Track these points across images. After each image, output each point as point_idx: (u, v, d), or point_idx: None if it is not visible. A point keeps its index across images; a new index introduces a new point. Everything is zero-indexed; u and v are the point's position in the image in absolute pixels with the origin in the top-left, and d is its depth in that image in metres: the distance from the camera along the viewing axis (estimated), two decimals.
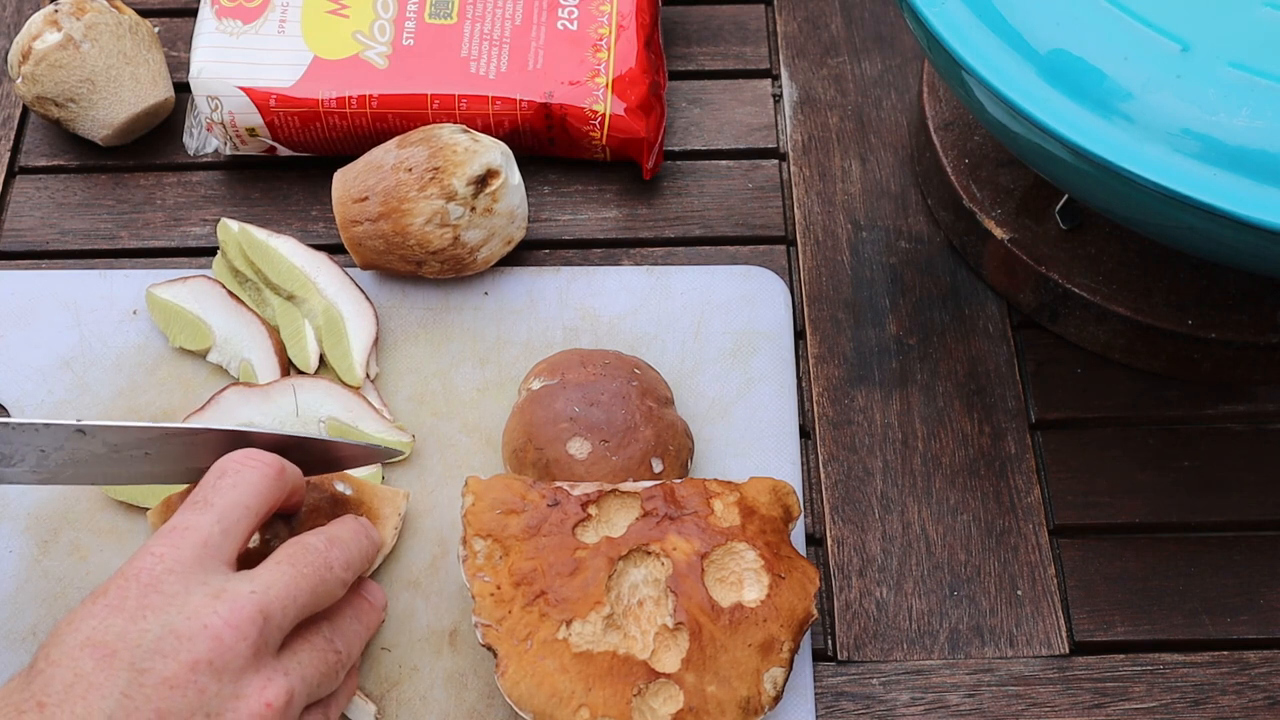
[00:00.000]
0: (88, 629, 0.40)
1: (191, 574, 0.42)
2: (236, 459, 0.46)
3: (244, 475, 0.45)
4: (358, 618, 0.47)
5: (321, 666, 0.44)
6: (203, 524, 0.43)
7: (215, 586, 0.42)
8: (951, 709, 0.51)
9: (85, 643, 0.40)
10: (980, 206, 0.60)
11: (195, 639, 0.40)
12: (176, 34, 0.70)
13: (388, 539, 0.53)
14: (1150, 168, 0.42)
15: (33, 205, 0.64)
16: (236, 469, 0.45)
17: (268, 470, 0.46)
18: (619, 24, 0.64)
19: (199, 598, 0.41)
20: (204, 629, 0.41)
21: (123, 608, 0.41)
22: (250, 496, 0.45)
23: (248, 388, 0.56)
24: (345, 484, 0.53)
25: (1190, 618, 0.53)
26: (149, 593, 0.41)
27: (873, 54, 0.70)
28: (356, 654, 0.47)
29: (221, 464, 0.46)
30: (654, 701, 0.46)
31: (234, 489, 0.44)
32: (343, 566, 0.45)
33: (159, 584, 0.41)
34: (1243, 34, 0.43)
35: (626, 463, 0.52)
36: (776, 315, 0.60)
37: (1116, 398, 0.59)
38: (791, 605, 0.48)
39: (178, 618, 0.41)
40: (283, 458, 0.47)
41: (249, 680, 0.41)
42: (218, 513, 0.44)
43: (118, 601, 0.41)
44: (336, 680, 0.45)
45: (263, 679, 0.41)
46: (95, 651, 0.40)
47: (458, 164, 0.57)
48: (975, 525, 0.55)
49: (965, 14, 0.47)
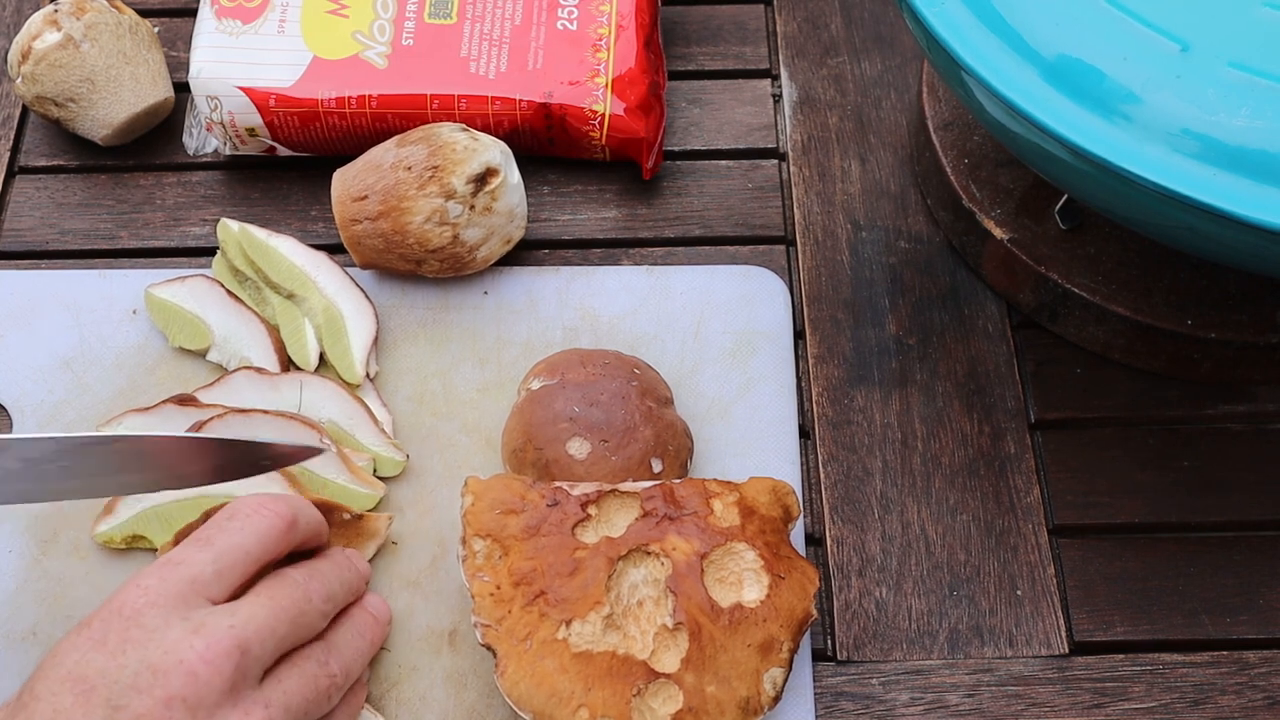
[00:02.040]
0: (70, 663, 0.41)
1: (174, 609, 0.42)
2: (251, 503, 0.46)
3: (252, 521, 0.45)
4: (360, 634, 0.48)
5: (308, 692, 0.44)
6: (198, 561, 0.44)
7: (195, 621, 0.42)
8: (951, 709, 0.51)
9: (66, 678, 0.40)
10: (980, 206, 0.60)
11: (170, 674, 0.40)
12: (176, 34, 0.70)
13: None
14: (1150, 168, 0.42)
15: (33, 205, 0.64)
16: (247, 514, 0.46)
17: (278, 521, 0.46)
18: (619, 24, 0.64)
19: (177, 632, 0.42)
20: (179, 664, 0.41)
21: (104, 642, 0.41)
22: (253, 542, 0.45)
23: (258, 374, 0.56)
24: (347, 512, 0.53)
25: (1190, 618, 0.53)
26: (130, 627, 0.41)
27: (873, 54, 0.70)
28: (357, 670, 0.47)
29: (235, 505, 0.46)
30: (653, 702, 0.46)
31: (239, 533, 0.45)
32: (323, 599, 0.46)
33: (140, 617, 0.42)
34: (1243, 34, 0.43)
35: (626, 463, 0.52)
36: (776, 315, 0.60)
37: (1116, 398, 0.58)
38: (791, 605, 0.48)
39: (155, 653, 0.41)
40: (298, 510, 0.47)
41: (225, 714, 0.41)
42: (215, 552, 0.44)
43: (100, 635, 0.42)
44: (328, 702, 0.45)
45: (240, 712, 0.41)
46: (75, 687, 0.40)
47: (457, 162, 0.57)
48: (975, 525, 0.55)
49: (965, 14, 0.47)
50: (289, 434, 0.54)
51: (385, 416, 0.57)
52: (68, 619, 0.52)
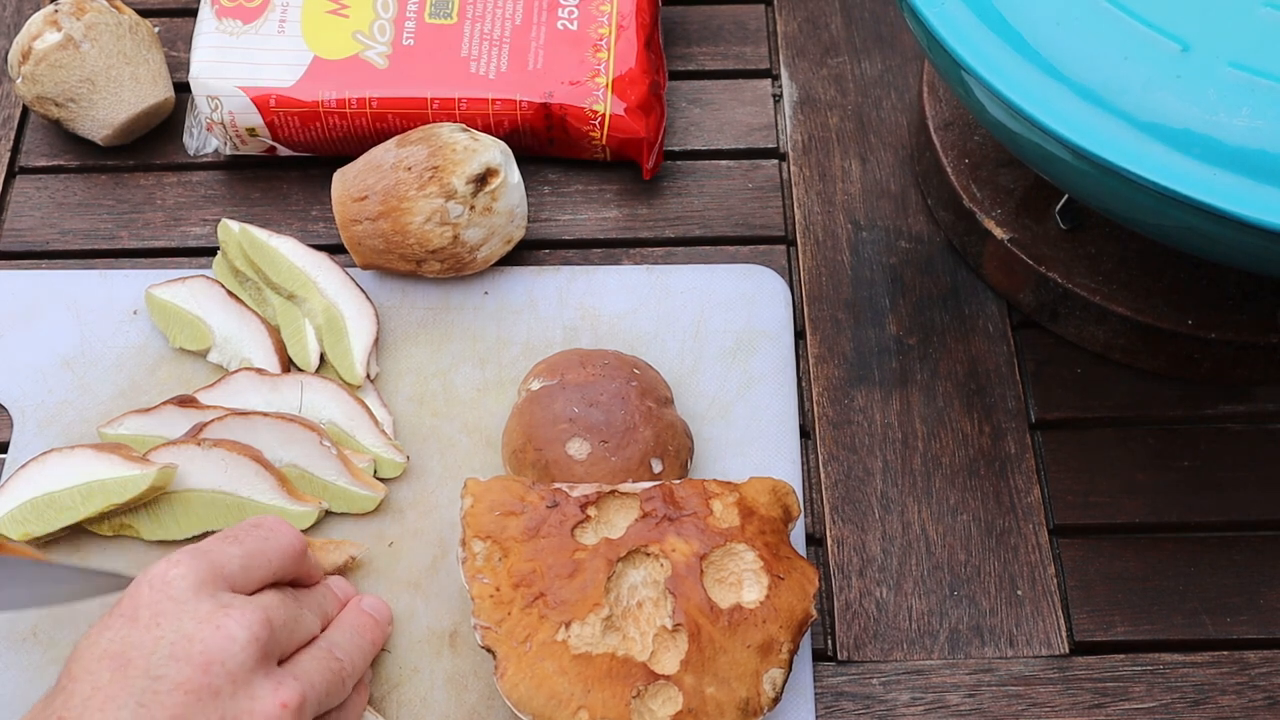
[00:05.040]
0: (105, 641, 0.41)
1: (203, 587, 0.43)
2: (273, 520, 0.48)
3: (276, 534, 0.47)
4: (359, 633, 0.48)
5: (326, 674, 0.45)
6: (228, 553, 0.45)
7: (224, 600, 0.43)
8: (951, 709, 0.51)
9: (103, 655, 0.41)
10: (980, 206, 0.60)
11: (207, 640, 0.41)
12: (176, 34, 0.70)
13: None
14: (1150, 168, 0.42)
15: (33, 205, 0.64)
16: (271, 527, 0.47)
17: (294, 543, 0.47)
18: (619, 24, 0.64)
19: (208, 605, 0.42)
20: (216, 630, 0.41)
21: (136, 617, 0.42)
22: (275, 553, 0.46)
23: (259, 375, 0.56)
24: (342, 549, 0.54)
25: (1190, 618, 0.53)
26: (161, 600, 0.42)
27: (873, 54, 0.70)
28: (361, 666, 0.48)
29: (260, 519, 0.48)
30: (653, 703, 0.46)
31: (265, 540, 0.46)
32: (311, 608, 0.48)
33: (171, 589, 0.42)
34: (1243, 34, 0.43)
35: (626, 463, 0.52)
36: (776, 314, 0.60)
37: (1116, 398, 0.58)
38: (791, 606, 0.48)
39: (189, 623, 0.42)
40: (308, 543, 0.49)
41: (261, 682, 0.42)
42: (244, 550, 0.45)
43: (131, 611, 0.42)
44: (344, 689, 0.46)
45: (274, 681, 0.42)
46: (111, 663, 0.41)
47: (457, 162, 0.57)
48: (975, 525, 0.55)
49: (965, 14, 0.47)
50: (289, 436, 0.54)
51: (386, 417, 0.57)
52: (68, 619, 0.52)
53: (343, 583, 0.51)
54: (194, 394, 0.56)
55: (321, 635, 0.47)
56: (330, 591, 0.50)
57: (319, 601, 0.48)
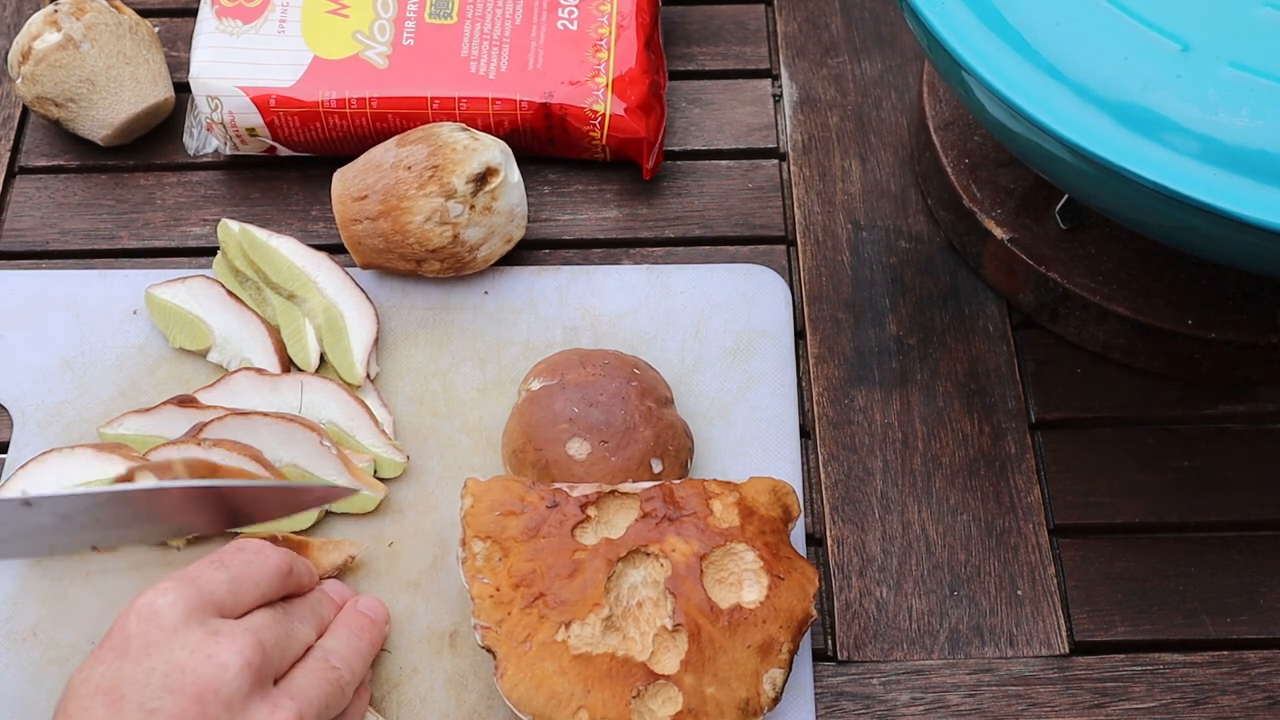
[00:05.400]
0: (97, 677, 0.41)
1: (192, 615, 0.43)
2: (257, 544, 0.48)
3: (261, 558, 0.47)
4: (357, 635, 0.48)
5: (323, 686, 0.45)
6: (215, 578, 0.45)
7: (213, 626, 0.43)
8: (951, 709, 0.51)
9: (96, 690, 0.41)
10: (980, 206, 0.60)
11: (199, 670, 0.41)
12: (176, 34, 0.70)
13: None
14: (1150, 168, 0.42)
15: (33, 205, 0.64)
16: (256, 550, 0.47)
17: (281, 564, 0.47)
18: (619, 24, 0.64)
19: (198, 634, 0.42)
20: (208, 659, 0.41)
21: (127, 650, 0.42)
22: (262, 576, 0.46)
23: (259, 375, 0.56)
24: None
25: (1190, 618, 0.53)
26: (150, 631, 0.42)
27: (873, 54, 0.70)
28: (360, 670, 0.47)
29: (242, 542, 0.47)
30: (653, 703, 0.46)
31: (250, 564, 0.46)
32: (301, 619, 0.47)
33: (159, 619, 0.42)
34: (1243, 34, 0.43)
35: (626, 463, 0.52)
36: (777, 314, 0.60)
37: (1116, 398, 0.58)
38: (791, 606, 0.48)
39: (180, 653, 0.41)
40: (293, 560, 0.48)
41: (257, 707, 0.42)
42: (231, 574, 0.45)
43: (121, 644, 0.42)
44: (344, 697, 0.46)
45: (270, 705, 0.42)
46: (105, 698, 0.40)
47: (457, 162, 0.57)
48: (975, 525, 0.55)
49: (965, 14, 0.47)
50: (289, 436, 0.54)
51: (386, 417, 0.57)
52: (68, 619, 0.52)
53: (338, 585, 0.51)
54: (194, 394, 0.56)
55: (317, 644, 0.47)
56: (325, 596, 0.50)
57: (313, 608, 0.48)
